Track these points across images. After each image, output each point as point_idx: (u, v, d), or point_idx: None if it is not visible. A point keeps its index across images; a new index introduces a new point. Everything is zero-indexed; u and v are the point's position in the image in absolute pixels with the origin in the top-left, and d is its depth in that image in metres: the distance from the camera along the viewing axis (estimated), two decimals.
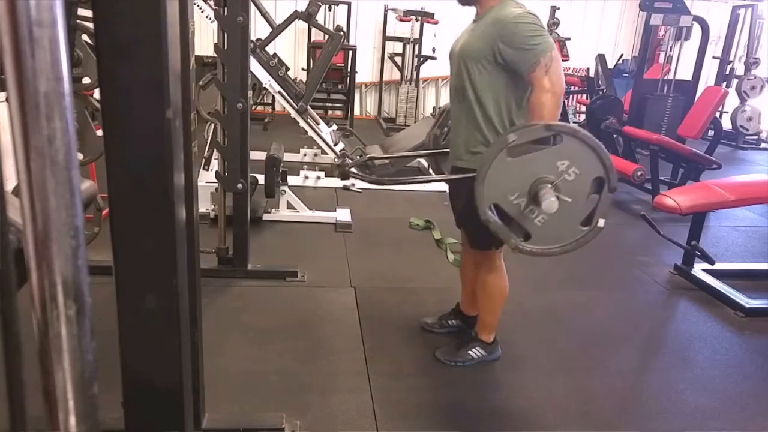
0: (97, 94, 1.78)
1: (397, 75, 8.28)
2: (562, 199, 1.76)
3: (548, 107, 1.92)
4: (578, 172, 1.78)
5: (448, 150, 2.35)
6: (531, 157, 1.79)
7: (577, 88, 8.26)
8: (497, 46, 1.95)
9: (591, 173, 1.80)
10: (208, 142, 4.38)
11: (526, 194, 1.80)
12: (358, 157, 5.25)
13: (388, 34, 8.13)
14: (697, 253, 3.28)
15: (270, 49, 4.91)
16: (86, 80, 2.30)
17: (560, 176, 1.78)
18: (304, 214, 4.03)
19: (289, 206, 4.05)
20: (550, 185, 1.76)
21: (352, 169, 2.26)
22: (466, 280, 2.57)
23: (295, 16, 4.72)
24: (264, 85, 4.71)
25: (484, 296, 2.36)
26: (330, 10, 7.91)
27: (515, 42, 1.93)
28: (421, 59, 7.95)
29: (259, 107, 7.60)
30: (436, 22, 7.77)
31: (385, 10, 8.06)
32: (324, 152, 5.18)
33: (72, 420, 0.50)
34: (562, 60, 8.29)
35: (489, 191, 1.81)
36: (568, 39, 7.91)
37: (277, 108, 7.42)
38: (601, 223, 1.85)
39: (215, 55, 2.69)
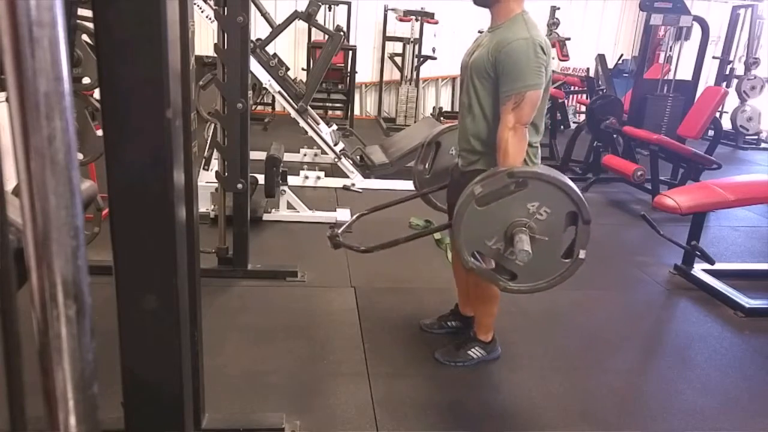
0: (97, 94, 1.79)
1: (397, 75, 8.28)
2: (538, 238, 1.82)
3: (511, 143, 1.93)
4: (549, 210, 1.84)
5: (436, 187, 2.46)
6: (501, 203, 1.84)
7: (577, 88, 8.26)
8: (493, 64, 1.96)
9: (562, 209, 1.86)
10: (208, 142, 4.38)
11: (503, 238, 1.85)
12: (357, 157, 5.27)
13: (388, 34, 8.13)
14: (697, 253, 3.28)
15: (270, 49, 4.91)
16: (86, 80, 2.30)
17: (533, 217, 1.83)
18: (304, 214, 4.03)
19: (289, 206, 4.06)
20: (524, 227, 1.81)
21: (340, 238, 2.34)
22: (459, 281, 2.58)
23: (295, 16, 4.72)
24: (264, 85, 4.72)
25: (478, 297, 2.36)
26: (330, 10, 7.91)
27: (501, 66, 1.92)
28: (421, 59, 7.95)
29: (259, 107, 7.60)
30: (436, 22, 7.77)
31: (385, 10, 8.06)
32: (324, 152, 5.19)
33: (72, 420, 0.50)
34: (562, 60, 8.32)
35: (467, 241, 1.87)
36: (568, 39, 7.91)
37: (277, 108, 7.42)
38: (582, 254, 1.90)
39: (215, 55, 2.69)
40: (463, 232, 1.86)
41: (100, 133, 2.03)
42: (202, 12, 4.27)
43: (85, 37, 2.27)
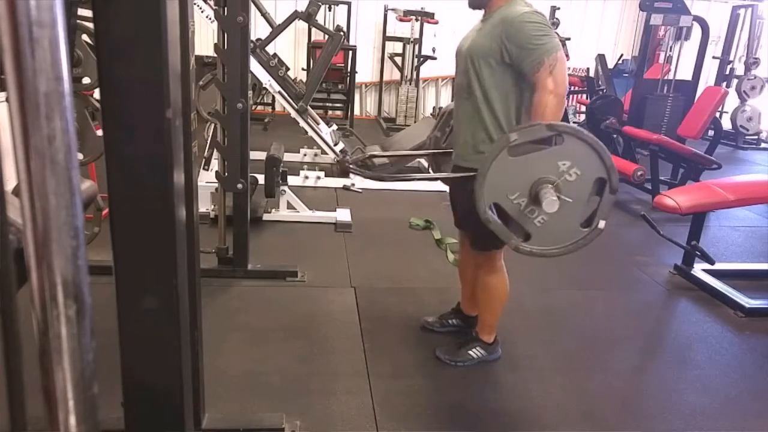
0: (97, 94, 1.79)
1: (397, 75, 8.28)
2: (563, 200, 1.76)
3: (550, 108, 1.91)
4: (579, 172, 1.78)
5: (449, 150, 2.35)
6: (532, 156, 1.79)
7: (577, 88, 8.26)
8: (503, 44, 1.95)
9: (592, 174, 1.80)
10: (208, 142, 4.38)
11: (527, 194, 1.79)
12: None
13: (388, 34, 8.13)
14: (697, 253, 3.27)
15: (270, 49, 4.91)
16: (86, 80, 2.30)
17: (561, 176, 1.77)
18: (304, 214, 4.03)
19: (289, 206, 4.05)
20: (551, 185, 1.75)
21: (352, 165, 2.26)
22: (465, 281, 2.57)
23: (295, 16, 4.72)
24: (264, 85, 4.72)
25: (485, 297, 2.35)
26: (330, 10, 7.91)
27: (520, 41, 1.93)
28: (421, 59, 7.95)
29: (259, 107, 7.60)
30: (436, 22, 7.77)
31: (385, 10, 8.06)
32: (324, 152, 5.19)
33: (72, 420, 0.50)
34: None
35: (489, 190, 1.81)
36: (568, 39, 7.91)
37: (277, 108, 7.42)
38: (602, 224, 1.84)
39: (215, 55, 2.69)
40: (488, 180, 1.79)
41: (100, 133, 2.04)
42: (202, 12, 4.27)
43: (85, 37, 2.27)
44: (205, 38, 6.10)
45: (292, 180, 4.37)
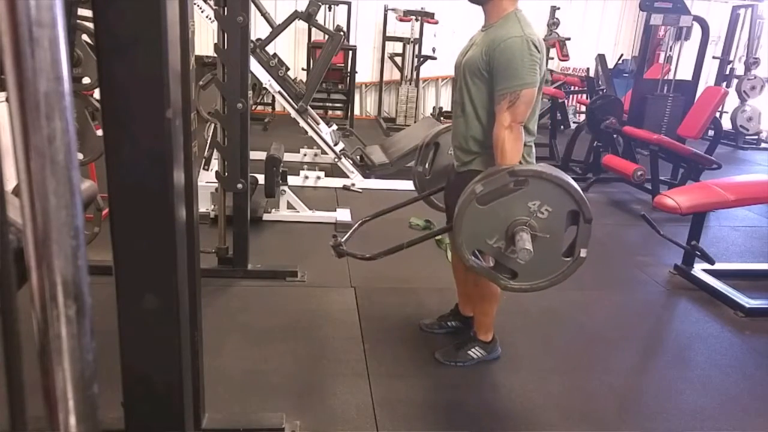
0: (97, 94, 1.79)
1: (397, 75, 8.28)
2: (540, 236, 1.82)
3: (507, 142, 1.92)
4: (551, 209, 1.84)
5: (437, 189, 2.47)
6: (502, 202, 1.84)
7: (577, 88, 8.26)
8: (487, 63, 1.95)
9: (563, 208, 1.86)
10: (208, 142, 4.38)
11: (504, 237, 1.85)
12: (357, 157, 5.27)
13: (388, 34, 8.12)
14: (697, 253, 3.28)
15: (270, 49, 4.91)
16: (86, 80, 2.30)
17: (534, 215, 1.83)
18: (304, 214, 4.03)
19: (289, 206, 4.06)
20: (525, 226, 1.81)
21: (343, 247, 2.34)
22: (459, 281, 2.58)
23: (295, 16, 4.72)
24: (264, 85, 4.72)
25: (478, 297, 2.36)
26: (330, 10, 7.91)
27: (496, 64, 1.92)
28: (421, 59, 7.95)
29: (259, 107, 7.59)
30: (436, 22, 7.77)
31: (385, 10, 8.06)
32: (324, 152, 5.19)
33: (72, 420, 0.50)
34: (562, 60, 8.31)
35: (467, 239, 1.87)
36: (568, 39, 7.92)
37: (277, 108, 7.42)
38: (584, 252, 1.90)
39: (215, 55, 2.69)
40: (464, 231, 1.86)
41: (100, 133, 2.04)
42: (202, 12, 4.27)
43: (85, 37, 2.27)
44: (205, 38, 6.10)
45: (292, 180, 4.37)
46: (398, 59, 8.11)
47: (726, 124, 7.92)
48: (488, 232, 1.86)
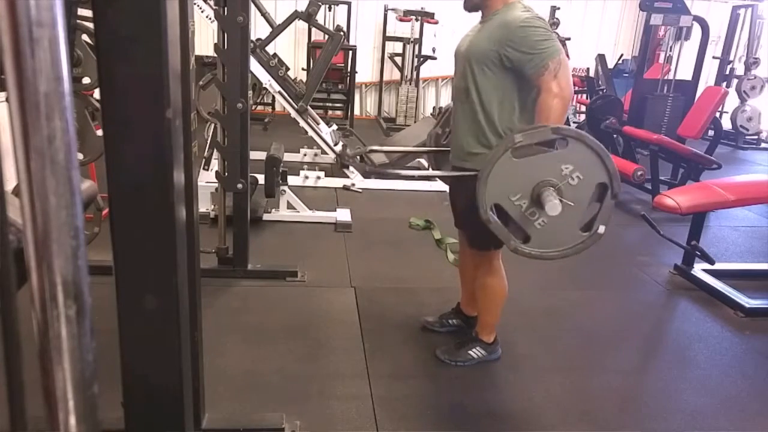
0: (97, 94, 1.79)
1: (397, 75, 8.28)
2: (565, 203, 1.75)
3: (555, 111, 1.92)
4: (582, 177, 1.78)
5: (448, 149, 2.35)
6: (536, 159, 1.79)
7: (577, 88, 8.25)
8: (504, 49, 1.95)
9: (594, 179, 1.80)
10: (208, 142, 4.38)
11: (528, 196, 1.79)
12: (358, 157, 5.27)
13: (388, 34, 8.13)
14: (697, 253, 3.27)
15: (270, 49, 4.91)
16: (86, 80, 2.30)
17: (564, 180, 1.77)
18: (304, 214, 4.03)
19: (289, 206, 4.05)
20: (552, 188, 1.76)
21: (351, 159, 2.26)
22: (465, 281, 2.57)
23: (295, 16, 4.72)
24: (264, 85, 4.72)
25: (484, 297, 2.36)
26: (330, 10, 7.91)
27: (523, 46, 1.93)
28: (421, 59, 7.95)
29: (259, 107, 7.60)
30: (436, 22, 7.77)
31: (385, 10, 8.06)
32: (324, 152, 5.19)
33: (72, 420, 0.50)
34: None
35: (491, 191, 1.80)
36: (568, 39, 7.91)
37: (277, 108, 7.42)
38: (602, 229, 1.84)
39: (215, 55, 2.69)
40: (491, 181, 1.79)
41: (100, 133, 2.04)
42: (202, 12, 4.27)
43: (85, 37, 2.27)
44: (205, 38, 6.09)
45: (292, 180, 4.37)
46: (398, 59, 8.11)
47: (726, 124, 7.92)
48: (514, 188, 1.79)
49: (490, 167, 1.79)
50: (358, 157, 5.25)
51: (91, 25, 1.96)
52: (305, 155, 5.58)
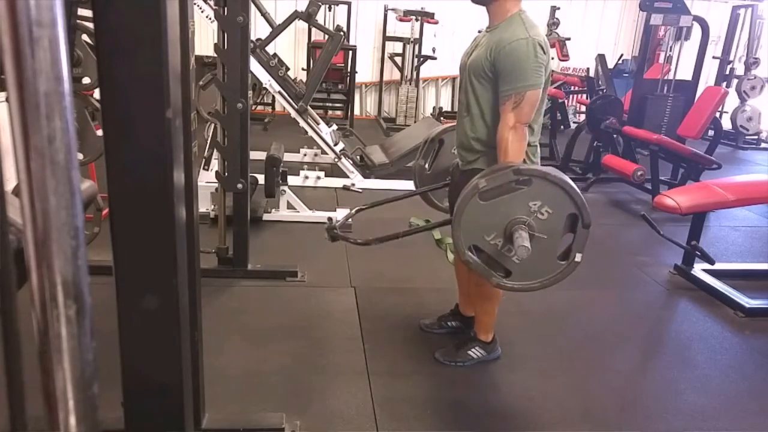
0: (97, 94, 1.79)
1: (397, 75, 8.28)
2: (538, 236, 1.82)
3: (511, 143, 1.94)
4: (551, 211, 1.84)
5: (435, 186, 2.47)
6: (503, 200, 1.85)
7: (577, 88, 8.25)
8: (493, 64, 1.96)
9: (564, 211, 1.86)
10: (208, 142, 4.38)
11: (502, 234, 1.86)
12: (357, 157, 5.27)
13: (388, 34, 8.12)
14: (697, 253, 3.27)
15: (270, 49, 4.91)
16: (86, 80, 2.30)
17: (533, 216, 1.83)
18: (304, 214, 4.03)
19: (289, 206, 4.05)
20: (524, 225, 1.81)
21: (340, 232, 2.35)
22: (461, 281, 2.58)
23: (295, 16, 4.72)
24: (264, 85, 4.72)
25: (480, 297, 2.36)
26: (330, 10, 7.91)
27: (501, 66, 1.93)
28: (421, 59, 7.95)
29: (259, 107, 7.59)
30: (436, 22, 7.77)
31: (385, 10, 8.06)
32: (324, 152, 5.18)
33: (72, 420, 0.50)
34: (562, 60, 8.31)
35: (465, 234, 1.88)
36: (568, 39, 7.91)
37: (277, 108, 7.42)
38: (578, 257, 1.91)
39: (215, 55, 2.69)
40: (464, 225, 1.86)
41: (100, 133, 2.04)
42: (202, 12, 4.27)
43: (85, 37, 2.27)
44: (205, 38, 6.09)
45: (292, 180, 4.37)
46: (398, 59, 8.11)
47: (726, 124, 7.92)
48: (487, 228, 1.86)
49: (461, 213, 1.86)
50: (358, 157, 5.26)
51: (91, 25, 1.97)
52: (305, 155, 5.58)
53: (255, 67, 4.50)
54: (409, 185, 4.95)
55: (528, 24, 1.95)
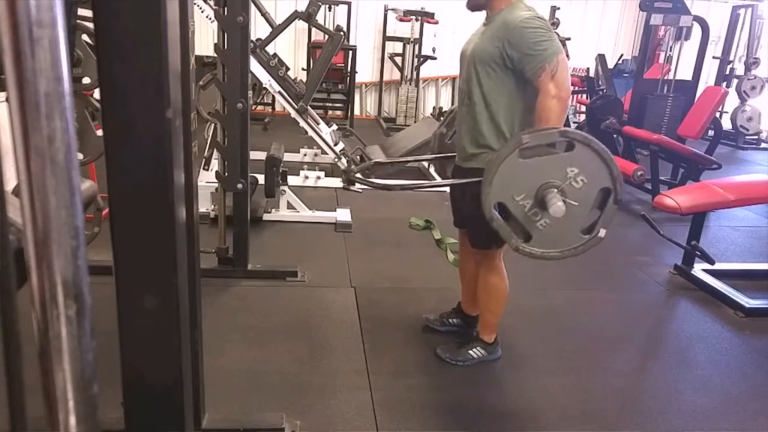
0: (97, 94, 1.79)
1: (397, 75, 8.28)
2: (569, 203, 1.77)
3: (554, 112, 1.93)
4: (586, 180, 1.80)
5: (453, 154, 2.37)
6: (542, 160, 1.81)
7: (577, 88, 8.25)
8: (505, 49, 1.96)
9: (599, 183, 1.83)
10: (208, 142, 4.38)
11: (533, 197, 1.81)
12: (358, 157, 5.27)
13: (388, 34, 8.12)
14: (697, 253, 3.27)
15: (270, 49, 4.91)
16: (86, 80, 2.30)
17: (568, 182, 1.79)
18: (304, 214, 4.03)
19: (289, 206, 4.05)
20: (556, 190, 1.77)
21: (358, 175, 2.27)
22: (465, 281, 2.57)
23: (295, 16, 4.72)
24: (264, 85, 4.71)
25: (485, 296, 2.36)
26: (330, 10, 7.91)
27: (522, 46, 1.93)
28: (421, 59, 7.95)
29: (259, 107, 7.59)
30: (436, 22, 7.77)
31: (385, 10, 8.06)
32: (324, 152, 5.18)
33: (72, 420, 0.50)
34: None
35: (496, 190, 1.82)
36: (568, 39, 7.90)
37: (277, 108, 7.42)
38: (602, 233, 1.87)
39: (215, 55, 2.69)
40: (496, 179, 1.80)
41: (100, 133, 2.04)
42: (202, 12, 4.26)
43: (85, 37, 2.27)
44: (205, 38, 6.09)
45: (292, 180, 4.37)
46: (398, 59, 8.11)
47: (726, 124, 7.92)
48: (519, 188, 1.81)
49: (496, 166, 1.80)
50: (358, 157, 5.26)
51: (91, 25, 1.97)
52: (305, 155, 5.58)
53: (255, 67, 4.49)
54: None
55: (530, 8, 2.00)
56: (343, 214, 4.06)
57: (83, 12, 2.21)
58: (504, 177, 1.81)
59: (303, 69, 7.89)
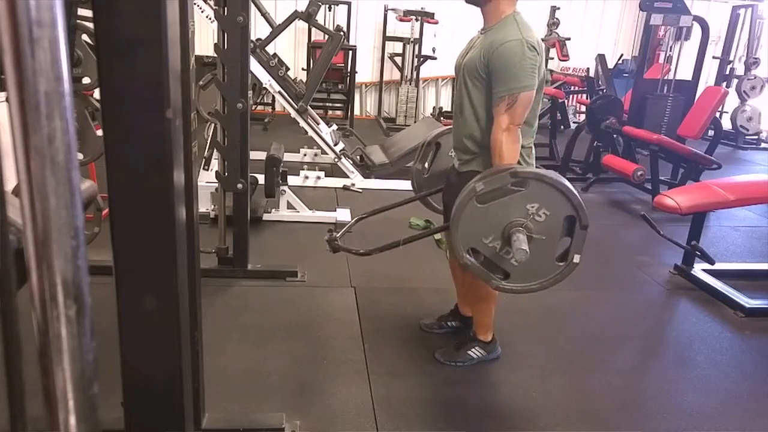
0: (97, 94, 1.79)
1: (397, 75, 8.28)
2: (536, 238, 1.83)
3: (504, 144, 1.93)
4: (549, 212, 1.85)
5: (435, 190, 2.48)
6: (501, 202, 1.85)
7: (577, 88, 8.25)
8: (487, 66, 1.95)
9: (561, 213, 1.86)
10: (208, 142, 4.38)
11: (500, 237, 1.86)
12: (357, 157, 5.27)
13: (388, 34, 8.12)
14: (697, 253, 3.27)
15: (270, 49, 4.91)
16: (86, 80, 2.30)
17: (531, 218, 1.84)
18: (304, 214, 4.03)
19: (289, 206, 4.05)
20: (522, 227, 1.82)
21: (338, 243, 2.35)
22: (457, 281, 2.58)
23: (295, 16, 4.72)
24: (264, 85, 4.72)
25: (475, 297, 2.37)
26: (330, 10, 7.91)
27: (496, 69, 1.92)
28: (421, 59, 7.95)
29: (259, 107, 7.59)
30: (436, 22, 7.77)
31: (385, 10, 8.06)
32: (324, 152, 5.19)
33: (72, 420, 0.50)
34: (562, 60, 8.30)
35: (464, 237, 1.88)
36: (568, 39, 7.92)
37: (277, 108, 7.42)
38: (577, 258, 1.91)
39: (215, 55, 2.69)
40: (461, 229, 1.87)
41: (100, 133, 2.04)
42: (202, 12, 4.26)
43: (85, 37, 2.27)
44: (205, 38, 6.09)
45: (292, 180, 4.37)
46: (398, 59, 8.11)
47: (726, 124, 7.92)
48: (485, 231, 1.86)
49: (459, 216, 1.86)
50: (358, 157, 5.26)
51: (91, 25, 1.97)
52: (305, 155, 5.58)
53: (255, 67, 4.50)
54: (409, 185, 4.96)
55: (522, 25, 1.94)
56: (343, 214, 4.06)
57: (83, 12, 2.21)
58: (468, 224, 1.86)
59: (303, 69, 7.89)
